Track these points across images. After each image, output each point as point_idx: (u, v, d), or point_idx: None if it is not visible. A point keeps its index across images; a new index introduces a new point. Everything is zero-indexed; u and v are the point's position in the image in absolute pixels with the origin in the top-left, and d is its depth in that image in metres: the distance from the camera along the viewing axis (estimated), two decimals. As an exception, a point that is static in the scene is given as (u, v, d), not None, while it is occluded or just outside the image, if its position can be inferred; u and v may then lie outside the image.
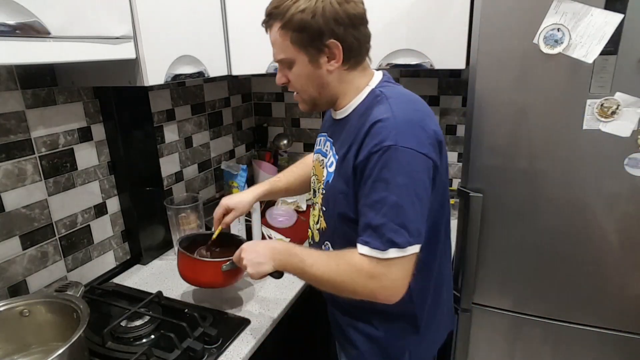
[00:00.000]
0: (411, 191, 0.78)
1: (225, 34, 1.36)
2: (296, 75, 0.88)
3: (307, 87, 0.90)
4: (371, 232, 0.79)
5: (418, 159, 0.78)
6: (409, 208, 0.78)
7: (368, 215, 0.80)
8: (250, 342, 1.06)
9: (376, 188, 0.79)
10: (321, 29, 0.81)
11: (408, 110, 0.83)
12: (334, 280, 0.84)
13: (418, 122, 0.81)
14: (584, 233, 1.21)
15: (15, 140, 1.09)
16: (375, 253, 0.78)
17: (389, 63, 1.45)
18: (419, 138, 0.79)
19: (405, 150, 0.77)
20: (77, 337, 0.83)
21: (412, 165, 0.78)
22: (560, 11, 1.07)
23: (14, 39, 0.75)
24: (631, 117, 1.08)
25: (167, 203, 1.50)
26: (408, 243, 0.78)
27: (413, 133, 0.79)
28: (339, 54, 0.83)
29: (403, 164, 0.77)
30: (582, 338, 1.30)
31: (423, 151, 0.79)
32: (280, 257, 0.91)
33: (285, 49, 0.85)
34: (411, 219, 0.78)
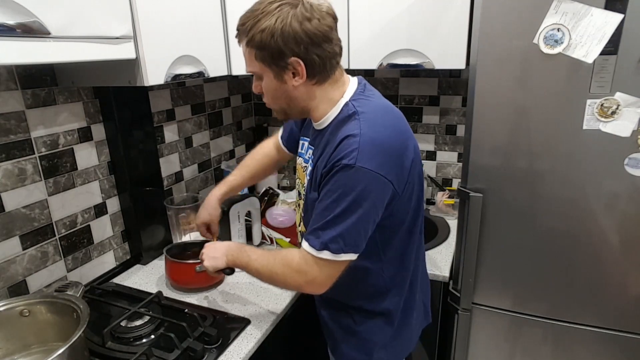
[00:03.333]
0: (358, 209, 0.83)
1: (225, 34, 1.36)
2: (265, 88, 0.91)
3: (277, 99, 0.93)
4: (312, 232, 0.87)
5: (374, 180, 0.82)
6: (351, 223, 0.83)
7: (316, 218, 0.87)
8: (250, 342, 1.06)
9: (328, 197, 0.85)
10: (281, 49, 0.82)
11: (376, 128, 0.85)
12: (269, 272, 0.94)
13: (383, 142, 0.84)
14: (584, 233, 1.21)
15: (15, 140, 1.09)
16: (310, 250, 0.87)
17: (389, 63, 1.45)
18: (380, 160, 0.82)
19: (363, 171, 0.81)
20: (77, 337, 0.83)
21: (367, 186, 0.82)
22: (560, 11, 1.07)
23: (14, 39, 0.75)
24: (631, 117, 1.08)
25: (167, 203, 1.50)
26: (341, 251, 0.85)
27: (375, 153, 0.82)
28: (302, 71, 0.85)
29: (357, 183, 0.81)
30: (582, 338, 1.30)
31: (382, 172, 0.82)
32: (232, 253, 1.02)
33: (252, 63, 0.88)
34: (350, 232, 0.84)
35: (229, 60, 1.39)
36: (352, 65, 1.52)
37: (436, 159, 1.89)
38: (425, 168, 1.88)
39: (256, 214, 1.51)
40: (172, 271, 1.29)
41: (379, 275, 0.99)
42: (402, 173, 0.87)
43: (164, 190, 1.58)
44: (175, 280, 1.29)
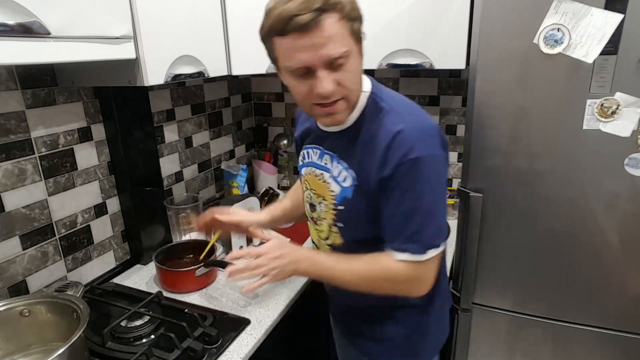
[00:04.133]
0: (439, 194, 0.85)
1: (225, 34, 1.36)
2: (350, 72, 0.79)
3: (357, 85, 0.84)
4: (408, 240, 0.84)
5: (440, 162, 0.84)
6: (439, 210, 0.85)
7: (402, 224, 0.83)
8: (250, 342, 1.06)
9: (408, 198, 0.82)
10: (359, 15, 0.79)
11: (415, 116, 0.85)
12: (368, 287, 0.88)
13: (429, 127, 0.84)
14: (584, 233, 1.21)
15: (15, 140, 1.09)
16: (416, 257, 0.84)
17: (389, 63, 1.45)
18: (436, 142, 0.83)
19: (430, 158, 0.81)
20: (77, 337, 0.83)
21: (438, 170, 0.83)
22: (560, 11, 1.07)
23: (14, 39, 0.75)
24: (631, 117, 1.08)
25: (167, 203, 1.50)
26: (442, 242, 0.86)
27: (431, 139, 0.82)
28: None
29: (431, 172, 0.81)
30: (582, 338, 1.30)
31: (441, 154, 0.84)
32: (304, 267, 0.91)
33: (344, 41, 0.76)
34: (442, 220, 0.86)
35: (229, 60, 1.39)
36: (352, 65, 1.51)
37: (436, 159, 1.89)
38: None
39: (256, 214, 1.51)
40: (164, 278, 1.30)
41: None
42: None
43: (164, 190, 1.58)
44: (168, 286, 1.29)
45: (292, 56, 0.76)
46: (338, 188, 0.91)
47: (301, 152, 1.03)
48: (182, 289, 1.27)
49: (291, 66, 0.78)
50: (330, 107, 0.81)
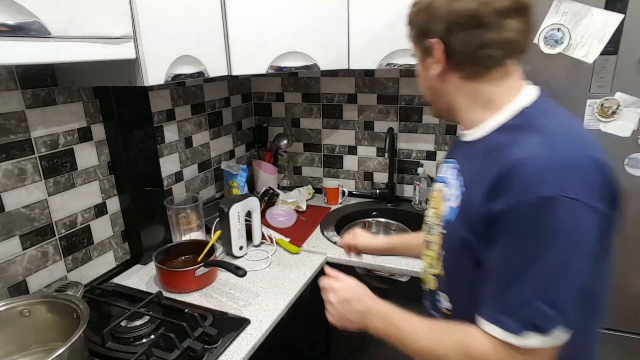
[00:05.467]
0: (574, 260, 0.59)
1: (225, 34, 1.36)
2: (417, 73, 0.81)
3: (423, 89, 0.81)
4: (505, 309, 0.62)
5: (587, 214, 0.59)
6: (565, 282, 0.59)
7: (504, 285, 0.62)
8: (250, 342, 1.06)
9: (521, 250, 0.61)
10: (424, 26, 0.72)
11: (569, 146, 0.63)
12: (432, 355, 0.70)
13: (585, 164, 0.61)
14: (584, 233, 1.21)
15: (15, 140, 1.09)
16: (508, 337, 0.61)
17: (389, 63, 1.45)
18: (589, 185, 0.60)
19: (571, 203, 0.58)
20: (77, 337, 0.83)
21: (580, 223, 0.59)
22: (560, 11, 1.07)
23: (14, 39, 0.75)
24: (631, 117, 1.09)
25: (167, 203, 1.50)
26: (555, 327, 0.60)
27: (580, 178, 0.59)
28: (439, 56, 0.71)
29: (567, 222, 0.58)
30: (582, 338, 1.31)
31: (594, 204, 0.59)
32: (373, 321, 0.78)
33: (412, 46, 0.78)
34: (565, 297, 0.60)
35: (229, 60, 1.39)
36: (352, 66, 1.52)
37: (436, 159, 1.89)
38: (425, 168, 1.88)
39: (256, 214, 1.51)
40: (164, 278, 1.30)
41: None
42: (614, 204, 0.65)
43: (164, 190, 1.58)
44: (168, 286, 1.29)
45: None
46: (447, 208, 0.76)
47: None
48: (182, 289, 1.27)
49: None
50: None
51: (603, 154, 0.64)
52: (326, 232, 1.65)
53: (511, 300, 0.61)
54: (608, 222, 0.63)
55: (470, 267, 0.70)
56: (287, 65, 1.45)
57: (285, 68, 1.45)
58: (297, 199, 1.87)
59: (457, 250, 0.72)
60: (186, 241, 1.46)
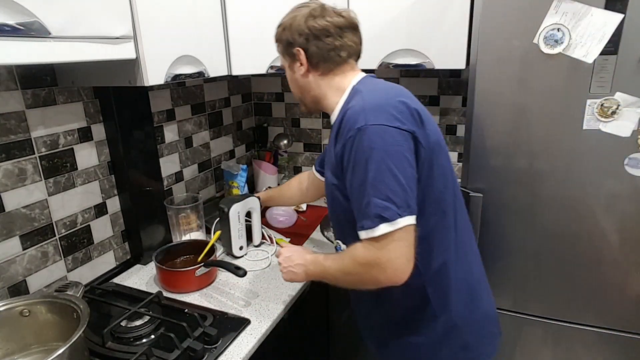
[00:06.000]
0: (389, 164, 0.79)
1: (225, 34, 1.36)
2: (288, 78, 1.06)
3: (294, 89, 1.07)
4: (363, 215, 0.82)
5: (390, 132, 0.81)
6: (390, 181, 0.79)
7: (357, 200, 0.83)
8: (250, 342, 1.06)
9: (356, 171, 0.82)
10: (288, 40, 0.98)
11: (379, 95, 0.89)
12: (344, 276, 0.90)
13: (387, 102, 0.85)
14: (584, 233, 1.21)
15: (15, 140, 1.09)
16: (368, 233, 0.81)
17: (389, 63, 1.45)
18: (389, 114, 0.82)
19: (375, 127, 0.81)
20: (77, 337, 0.83)
21: (385, 139, 0.80)
22: (560, 11, 1.07)
23: (14, 39, 0.75)
24: (631, 117, 1.09)
25: (167, 203, 1.50)
26: (397, 215, 0.78)
27: (382, 111, 0.83)
28: (303, 60, 0.97)
29: (375, 140, 0.80)
30: (582, 338, 1.31)
31: (394, 125, 0.81)
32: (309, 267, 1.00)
33: (280, 57, 1.05)
34: (395, 191, 0.79)
35: (229, 60, 1.39)
36: (352, 65, 1.51)
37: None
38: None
39: (256, 214, 1.51)
40: (164, 278, 1.30)
41: None
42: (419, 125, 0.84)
43: (164, 190, 1.58)
44: (168, 286, 1.29)
45: None
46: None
47: None
48: (182, 289, 1.27)
49: None
50: None
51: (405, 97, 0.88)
52: (326, 232, 1.65)
53: (362, 207, 0.81)
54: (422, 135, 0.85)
55: (340, 207, 0.93)
56: (287, 65, 1.45)
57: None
58: (297, 199, 1.87)
59: (330, 198, 0.97)
60: (186, 241, 1.46)
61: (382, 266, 0.81)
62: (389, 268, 0.81)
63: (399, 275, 0.81)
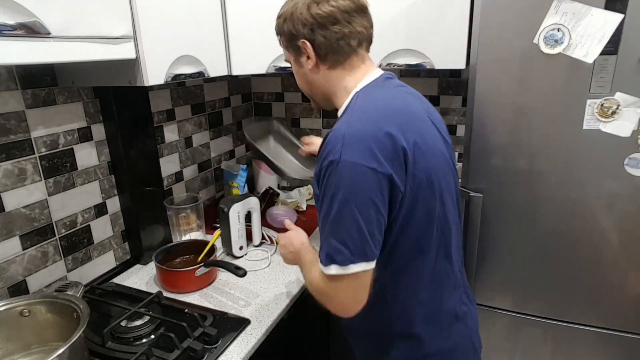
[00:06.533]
0: (352, 207, 0.74)
1: (225, 34, 1.36)
2: (294, 73, 0.96)
3: (302, 85, 0.97)
4: (321, 247, 0.80)
5: (362, 172, 0.73)
6: (350, 225, 0.74)
7: (320, 229, 0.81)
8: (250, 342, 1.06)
9: (324, 203, 0.78)
10: (292, 32, 0.87)
11: (366, 120, 0.78)
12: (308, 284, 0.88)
13: (372, 132, 0.76)
14: (584, 233, 1.21)
15: (15, 140, 1.09)
16: (321, 267, 0.79)
17: (388, 63, 1.45)
18: (368, 150, 0.74)
19: (348, 164, 0.73)
20: (77, 337, 0.83)
21: (355, 179, 0.73)
22: (560, 11, 1.07)
23: (14, 39, 0.75)
24: (631, 117, 1.09)
25: (167, 203, 1.50)
26: (349, 261, 0.75)
27: (361, 145, 0.74)
28: (310, 53, 0.87)
29: (344, 178, 0.74)
30: (582, 338, 1.31)
31: (371, 165, 0.73)
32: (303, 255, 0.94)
33: (283, 51, 0.94)
34: (353, 237, 0.74)
35: (229, 60, 1.39)
36: (352, 65, 1.51)
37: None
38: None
39: (256, 214, 1.51)
40: (164, 278, 1.30)
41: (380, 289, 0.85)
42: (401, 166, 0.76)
43: (164, 190, 1.58)
44: (168, 286, 1.29)
45: None
46: None
47: None
48: (182, 289, 1.27)
49: None
50: None
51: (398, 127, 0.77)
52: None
53: (322, 239, 0.79)
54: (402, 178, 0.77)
55: None
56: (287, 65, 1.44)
57: (286, 68, 1.45)
58: (297, 199, 1.87)
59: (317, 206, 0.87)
60: (186, 241, 1.46)
61: (330, 299, 0.81)
62: (336, 303, 0.81)
63: (345, 311, 0.81)
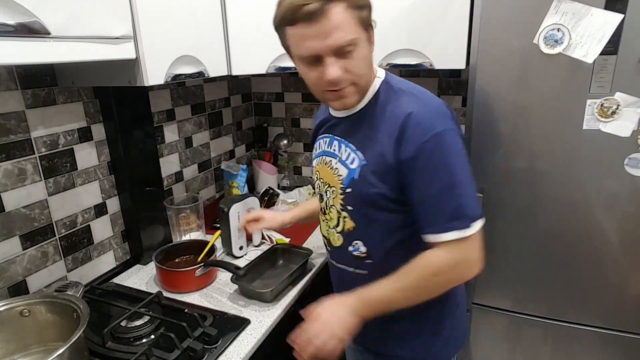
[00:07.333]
0: (467, 167, 0.83)
1: (225, 34, 1.36)
2: (358, 59, 0.81)
3: (366, 70, 0.86)
4: (452, 217, 0.81)
5: (458, 135, 0.84)
6: (471, 183, 0.83)
7: (442, 203, 0.81)
8: (250, 342, 1.06)
9: (437, 176, 0.81)
10: (368, 3, 0.82)
11: (426, 96, 0.87)
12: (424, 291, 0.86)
13: (439, 105, 0.86)
14: (584, 233, 1.21)
15: (15, 140, 1.09)
16: (462, 234, 0.80)
17: (388, 63, 1.45)
18: (450, 118, 0.84)
19: (449, 132, 0.81)
20: (77, 337, 0.83)
21: (458, 143, 0.83)
22: (560, 11, 1.07)
23: (14, 39, 0.75)
24: (631, 117, 1.08)
25: (167, 203, 1.50)
26: (477, 218, 0.82)
27: (445, 116, 0.83)
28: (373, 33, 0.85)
29: (453, 145, 0.81)
30: (582, 338, 1.31)
31: (455, 128, 0.84)
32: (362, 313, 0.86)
33: (351, 30, 0.78)
34: (473, 195, 0.84)
35: (229, 60, 1.39)
36: (352, 65, 1.51)
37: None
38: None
39: (256, 214, 1.51)
40: (164, 278, 1.30)
41: None
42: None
43: (164, 190, 1.58)
44: (168, 286, 1.29)
45: (302, 45, 0.80)
46: (345, 171, 0.92)
47: (314, 144, 1.06)
48: (182, 289, 1.27)
49: (301, 54, 0.82)
50: (340, 92, 0.84)
51: None
52: (326, 232, 1.64)
53: (452, 208, 0.81)
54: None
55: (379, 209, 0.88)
56: (287, 65, 1.45)
57: (286, 68, 1.45)
58: (297, 199, 1.87)
59: (365, 200, 0.88)
60: (186, 241, 1.46)
61: (470, 262, 0.83)
62: (477, 262, 0.83)
63: (474, 271, 0.84)
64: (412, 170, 0.82)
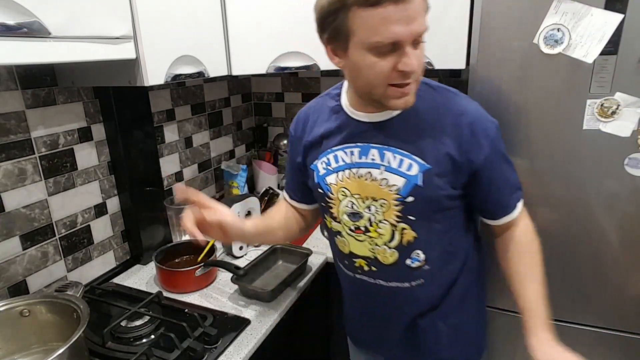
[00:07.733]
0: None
1: (225, 34, 1.36)
2: (423, 53, 0.78)
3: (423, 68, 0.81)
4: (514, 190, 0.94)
5: None
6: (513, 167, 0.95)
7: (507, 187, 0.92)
8: (250, 342, 1.06)
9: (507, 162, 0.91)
10: None
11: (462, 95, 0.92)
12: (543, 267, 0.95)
13: None
14: (584, 233, 1.21)
15: (15, 140, 1.09)
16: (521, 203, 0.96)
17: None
18: None
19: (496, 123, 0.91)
20: (77, 337, 0.83)
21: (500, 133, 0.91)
22: (560, 11, 1.07)
23: (14, 39, 0.75)
24: (631, 117, 1.08)
25: (167, 203, 1.50)
26: None
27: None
28: None
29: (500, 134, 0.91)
30: (582, 338, 1.30)
31: None
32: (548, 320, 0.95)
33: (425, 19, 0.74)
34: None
35: (229, 60, 1.39)
36: (352, 65, 1.51)
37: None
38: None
39: (256, 214, 1.51)
40: (164, 278, 1.30)
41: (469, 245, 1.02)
42: None
43: (164, 190, 1.58)
44: (168, 286, 1.29)
45: (382, 29, 0.70)
46: (401, 180, 0.84)
47: (321, 159, 0.93)
48: (182, 289, 1.27)
49: (377, 40, 0.71)
50: (406, 87, 0.76)
51: None
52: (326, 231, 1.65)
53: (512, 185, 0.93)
54: None
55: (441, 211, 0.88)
56: (287, 65, 1.45)
57: (285, 68, 1.45)
58: (297, 199, 1.87)
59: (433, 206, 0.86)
60: (186, 241, 1.46)
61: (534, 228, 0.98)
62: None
63: None
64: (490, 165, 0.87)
